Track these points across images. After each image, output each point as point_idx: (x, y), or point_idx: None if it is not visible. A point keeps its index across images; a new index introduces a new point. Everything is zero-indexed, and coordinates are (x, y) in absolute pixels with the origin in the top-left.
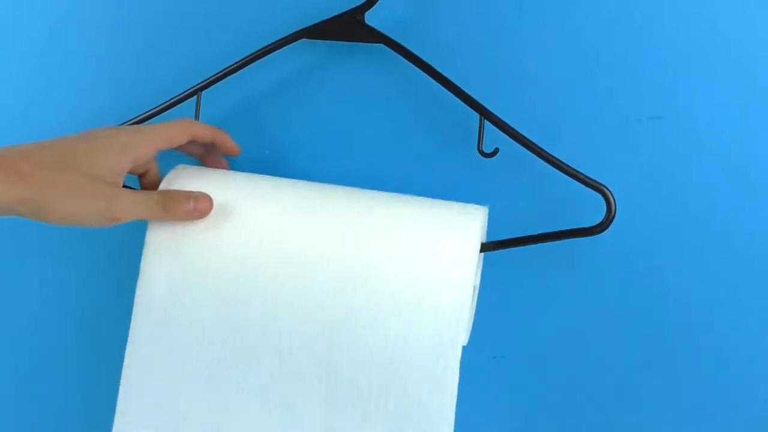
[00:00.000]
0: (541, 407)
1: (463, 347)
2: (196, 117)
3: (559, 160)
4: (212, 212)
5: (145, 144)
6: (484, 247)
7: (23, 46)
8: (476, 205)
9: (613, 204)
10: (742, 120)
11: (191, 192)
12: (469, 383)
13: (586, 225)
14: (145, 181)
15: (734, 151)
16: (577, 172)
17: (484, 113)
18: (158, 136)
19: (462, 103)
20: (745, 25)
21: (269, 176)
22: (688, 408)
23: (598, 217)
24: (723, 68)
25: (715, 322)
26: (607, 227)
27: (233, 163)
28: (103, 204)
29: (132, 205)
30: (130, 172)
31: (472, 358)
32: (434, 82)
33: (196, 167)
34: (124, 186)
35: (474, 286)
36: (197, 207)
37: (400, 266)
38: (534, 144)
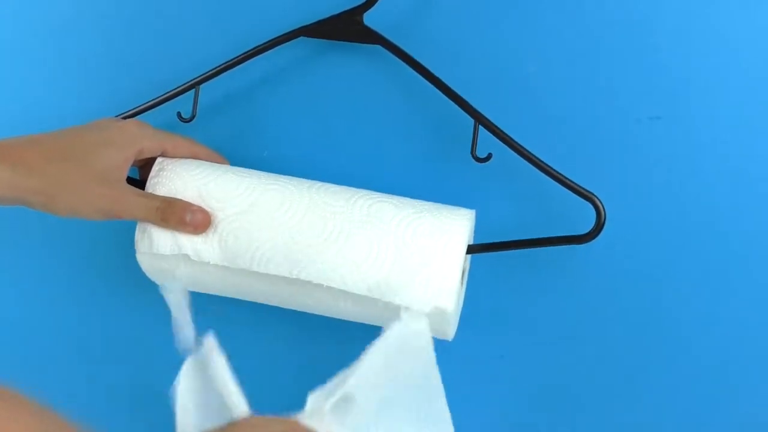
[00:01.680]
0: (541, 407)
1: (465, 347)
2: (194, 110)
3: (550, 167)
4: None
5: (152, 140)
6: (471, 249)
7: (19, 37)
8: (464, 209)
9: (602, 212)
10: (741, 120)
11: (192, 205)
12: (469, 383)
13: (580, 230)
14: (143, 173)
15: (733, 152)
16: (568, 179)
17: (479, 118)
18: (167, 138)
19: (457, 107)
20: (745, 25)
21: (261, 172)
22: (686, 407)
23: (589, 224)
24: (723, 68)
25: (713, 323)
26: (596, 236)
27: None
28: (106, 204)
29: (133, 207)
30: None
31: (473, 358)
32: (430, 84)
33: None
34: (130, 179)
35: (461, 285)
36: (194, 221)
37: (388, 267)
38: (527, 150)
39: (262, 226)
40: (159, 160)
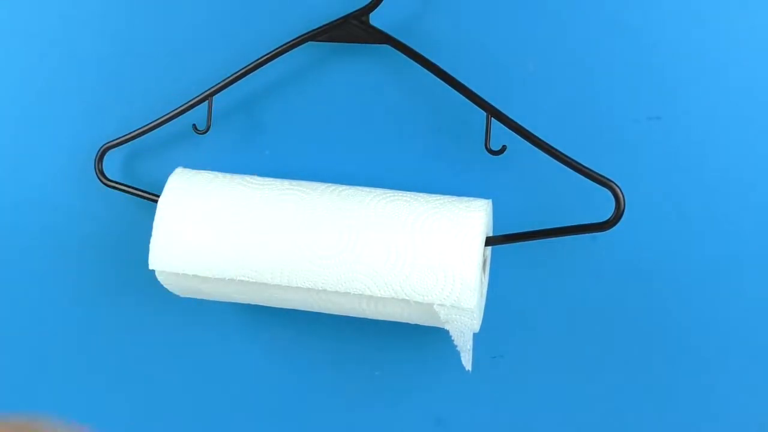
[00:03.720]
0: (540, 407)
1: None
2: (208, 121)
3: (568, 157)
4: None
5: None
6: (491, 241)
7: (31, 51)
8: (480, 200)
9: (622, 200)
10: (740, 120)
11: None
12: (468, 383)
13: (591, 222)
14: None
15: (733, 151)
16: (587, 168)
17: (492, 111)
18: None
19: (466, 101)
20: (744, 26)
21: (272, 180)
22: (687, 406)
23: (602, 215)
24: (722, 68)
25: (714, 321)
26: (616, 223)
27: (243, 165)
28: None
29: None
30: None
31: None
32: (439, 81)
33: (197, 172)
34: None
35: (482, 277)
36: None
37: (408, 269)
38: (543, 141)
39: (279, 240)
40: (171, 178)
